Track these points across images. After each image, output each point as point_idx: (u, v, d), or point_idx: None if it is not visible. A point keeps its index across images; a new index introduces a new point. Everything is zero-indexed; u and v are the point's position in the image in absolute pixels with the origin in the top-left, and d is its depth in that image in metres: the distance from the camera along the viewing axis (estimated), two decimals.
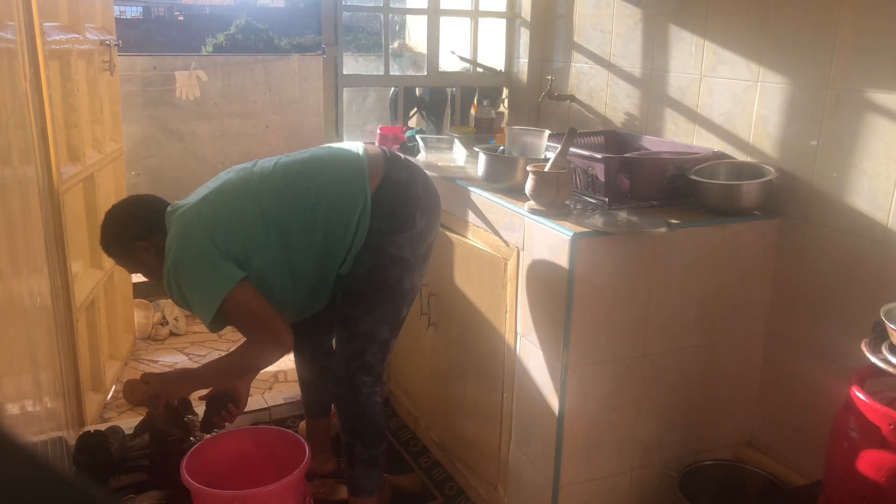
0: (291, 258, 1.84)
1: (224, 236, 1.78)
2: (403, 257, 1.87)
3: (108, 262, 2.87)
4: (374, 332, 1.89)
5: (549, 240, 1.76)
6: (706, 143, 2.11)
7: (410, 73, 3.44)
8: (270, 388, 2.96)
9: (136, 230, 1.90)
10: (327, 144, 2.04)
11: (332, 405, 2.32)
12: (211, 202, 1.84)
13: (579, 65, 2.64)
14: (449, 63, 3.01)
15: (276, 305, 1.84)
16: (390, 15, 2.90)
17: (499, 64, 3.00)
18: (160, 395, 1.91)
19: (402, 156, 2.00)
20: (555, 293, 1.76)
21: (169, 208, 1.91)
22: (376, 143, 2.66)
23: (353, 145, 1.96)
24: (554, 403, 1.80)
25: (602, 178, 1.94)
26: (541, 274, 1.82)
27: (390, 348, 1.96)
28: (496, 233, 2.00)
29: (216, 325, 1.84)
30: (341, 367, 1.93)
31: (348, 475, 2.01)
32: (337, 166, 1.89)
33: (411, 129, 2.84)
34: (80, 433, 2.29)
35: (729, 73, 2.02)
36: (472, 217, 2.12)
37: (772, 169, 1.88)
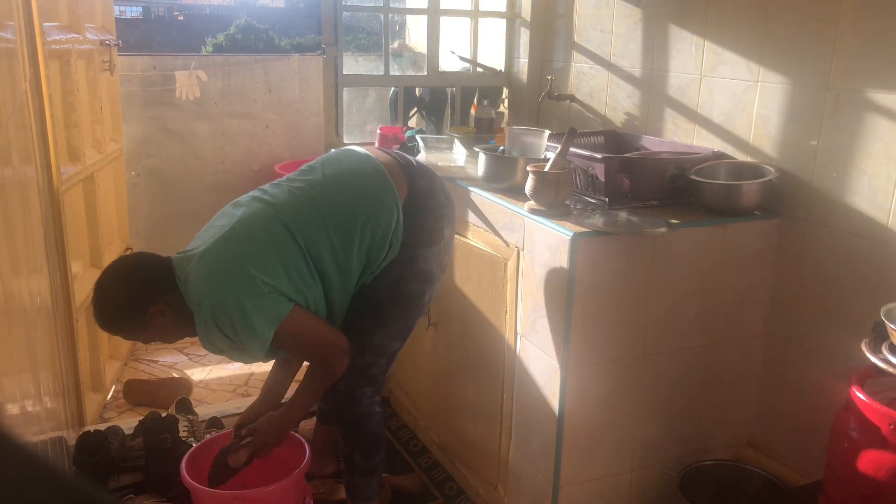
0: (326, 281, 1.75)
1: (262, 268, 1.64)
2: (430, 271, 1.84)
3: (108, 262, 2.87)
4: (386, 344, 1.86)
5: (549, 240, 1.76)
6: (706, 143, 2.11)
7: (410, 73, 3.44)
8: None
9: (147, 295, 1.70)
10: (334, 154, 1.92)
11: (340, 435, 2.24)
12: (236, 238, 1.68)
13: (579, 65, 2.64)
14: (449, 63, 3.01)
15: None
16: (390, 15, 2.90)
17: (499, 64, 3.00)
18: (259, 449, 1.89)
19: (412, 159, 1.91)
20: (555, 293, 1.76)
21: (177, 256, 1.75)
22: (376, 144, 2.66)
23: (361, 153, 1.86)
24: (554, 403, 1.80)
25: (602, 178, 1.94)
26: (541, 274, 1.82)
27: (396, 358, 1.93)
28: (496, 233, 2.00)
29: (268, 358, 1.77)
30: (343, 381, 1.86)
31: (347, 484, 1.99)
32: (362, 184, 1.78)
33: (411, 129, 2.84)
34: (80, 433, 2.29)
35: (729, 73, 2.02)
36: (472, 217, 2.12)
37: (772, 169, 1.88)
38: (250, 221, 1.70)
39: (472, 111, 2.97)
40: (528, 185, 1.86)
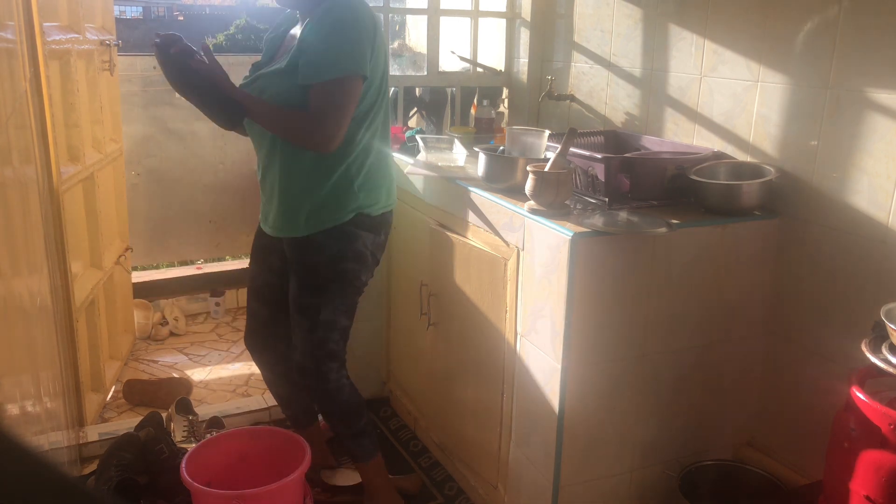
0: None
1: (375, 35, 1.81)
2: (365, 255, 1.95)
3: (108, 262, 2.87)
4: (334, 320, 1.95)
5: (549, 240, 1.76)
6: (706, 142, 2.11)
7: (410, 73, 3.44)
8: None
9: None
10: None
11: (317, 409, 2.28)
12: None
13: (579, 65, 2.64)
14: (449, 63, 3.01)
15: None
16: (390, 15, 2.90)
17: (499, 64, 3.00)
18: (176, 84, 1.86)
19: None
20: (555, 293, 1.76)
21: None
22: None
23: None
24: (554, 403, 1.80)
25: (602, 178, 1.94)
26: (541, 274, 1.82)
27: (348, 336, 2.03)
28: (496, 233, 2.00)
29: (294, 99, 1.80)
30: (307, 358, 1.97)
31: (344, 448, 2.13)
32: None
33: (411, 129, 2.84)
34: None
35: (729, 73, 2.02)
36: (472, 217, 2.12)
37: (772, 169, 1.88)
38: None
39: (472, 111, 2.97)
40: (528, 185, 1.86)
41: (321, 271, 1.92)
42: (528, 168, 1.87)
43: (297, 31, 1.91)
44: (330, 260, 1.91)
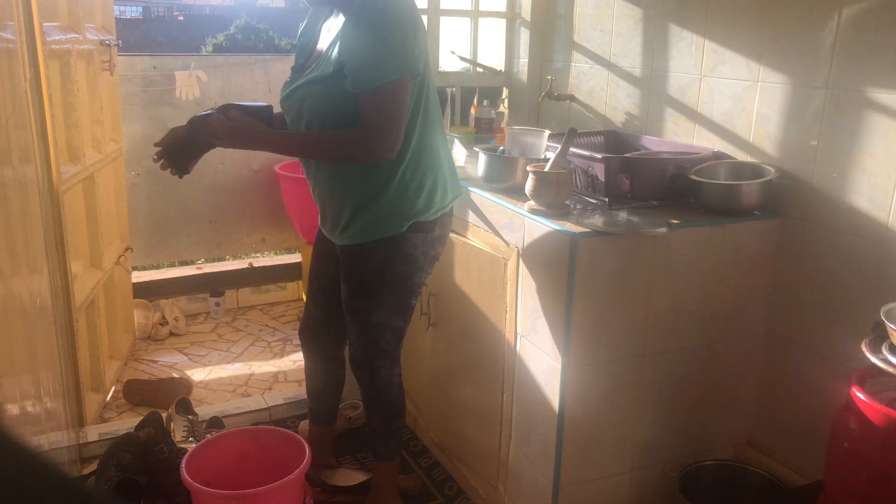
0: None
1: (416, 29, 1.72)
2: (416, 256, 1.89)
3: (108, 262, 2.87)
4: (385, 322, 1.94)
5: (549, 240, 1.76)
6: (706, 142, 2.12)
7: None
8: (270, 389, 2.96)
9: None
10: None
11: (337, 413, 2.41)
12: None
13: (579, 65, 2.64)
14: (449, 63, 3.01)
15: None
16: None
17: (499, 64, 3.00)
18: (221, 143, 1.82)
19: None
20: (555, 293, 1.76)
21: None
22: None
23: None
24: (554, 403, 1.80)
25: (602, 178, 1.94)
26: (541, 274, 1.82)
27: (404, 334, 2.01)
28: (496, 233, 2.00)
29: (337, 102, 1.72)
30: (360, 353, 1.99)
31: (370, 443, 2.14)
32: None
33: None
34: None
35: (729, 73, 2.02)
36: (472, 217, 2.12)
37: (772, 169, 1.88)
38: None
39: (472, 111, 2.97)
40: (528, 185, 1.86)
41: (370, 277, 1.89)
42: (528, 168, 1.87)
43: (331, 25, 1.82)
44: (378, 266, 1.87)
